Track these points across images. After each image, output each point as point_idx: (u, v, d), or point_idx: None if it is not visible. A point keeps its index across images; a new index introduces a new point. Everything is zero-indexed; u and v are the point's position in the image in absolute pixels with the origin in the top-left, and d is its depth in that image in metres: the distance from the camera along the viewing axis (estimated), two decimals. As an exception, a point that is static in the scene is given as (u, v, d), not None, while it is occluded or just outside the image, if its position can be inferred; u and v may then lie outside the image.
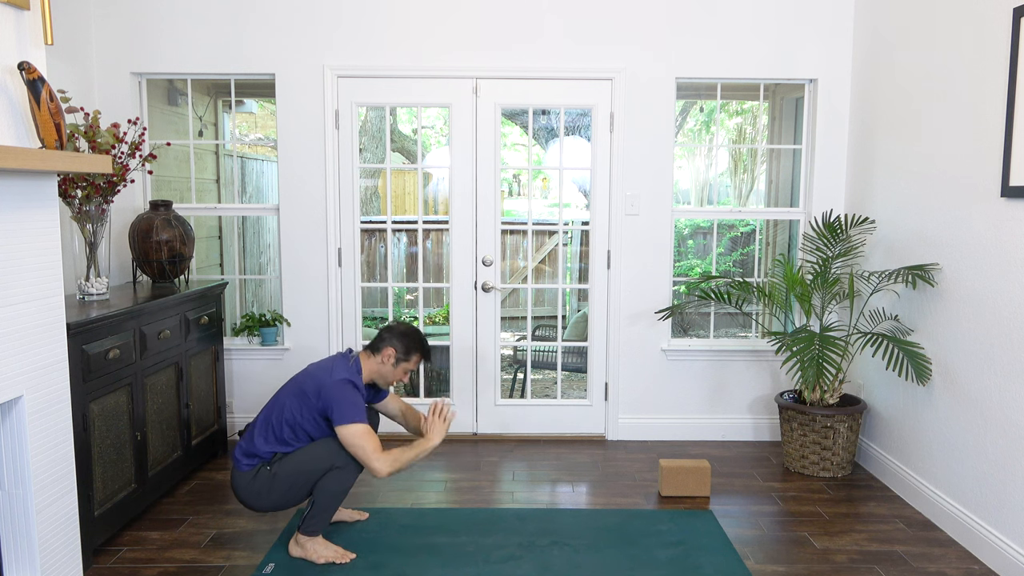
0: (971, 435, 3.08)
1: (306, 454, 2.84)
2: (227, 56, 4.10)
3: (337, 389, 2.81)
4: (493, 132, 4.21)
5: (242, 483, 2.86)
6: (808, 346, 3.57)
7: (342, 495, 2.87)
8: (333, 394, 2.80)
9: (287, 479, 2.82)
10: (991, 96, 2.96)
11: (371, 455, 2.75)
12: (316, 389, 2.84)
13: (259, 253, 6.08)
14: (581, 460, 4.03)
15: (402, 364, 2.98)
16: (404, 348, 2.97)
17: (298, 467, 2.82)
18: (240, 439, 2.95)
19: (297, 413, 2.86)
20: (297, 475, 2.82)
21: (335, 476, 2.83)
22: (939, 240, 3.32)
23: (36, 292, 2.38)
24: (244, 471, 2.86)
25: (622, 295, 4.29)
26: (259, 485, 2.84)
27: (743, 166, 7.51)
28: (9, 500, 2.37)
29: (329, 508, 2.86)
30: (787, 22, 4.12)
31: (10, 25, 2.26)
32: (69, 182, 3.22)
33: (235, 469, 2.89)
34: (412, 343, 2.99)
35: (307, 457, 2.83)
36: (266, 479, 2.83)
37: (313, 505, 2.86)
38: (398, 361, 2.97)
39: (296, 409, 2.86)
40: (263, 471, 2.84)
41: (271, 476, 2.83)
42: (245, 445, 2.89)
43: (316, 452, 2.83)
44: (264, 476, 2.84)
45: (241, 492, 2.87)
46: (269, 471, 2.84)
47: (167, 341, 3.43)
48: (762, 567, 2.89)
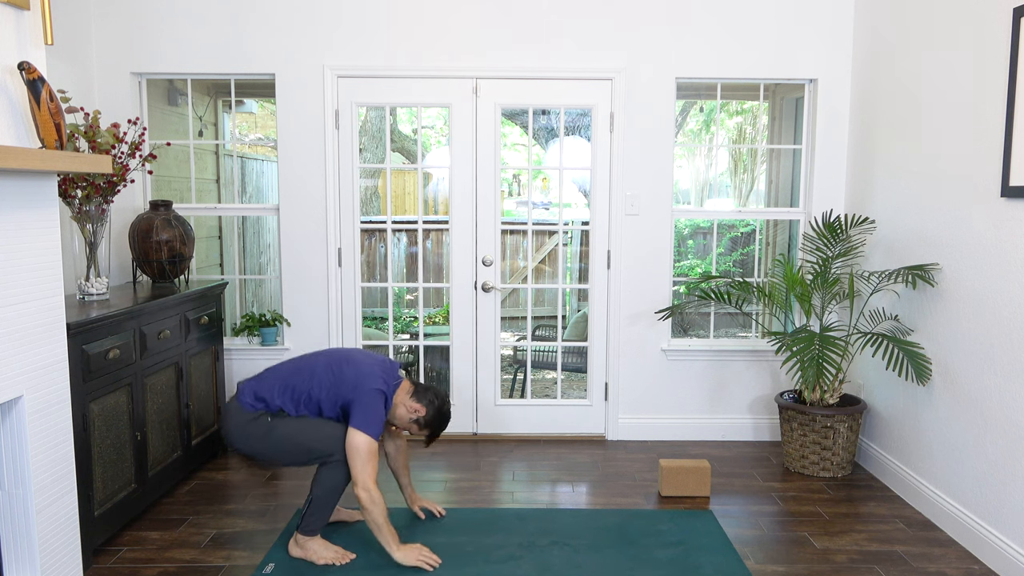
0: (971, 435, 3.08)
1: (312, 428, 2.82)
2: (227, 56, 4.10)
3: (373, 396, 2.81)
4: (493, 132, 4.21)
5: (237, 419, 2.84)
6: (808, 346, 3.57)
7: (339, 492, 2.87)
8: (367, 398, 2.80)
9: (280, 441, 2.81)
10: (991, 96, 2.96)
11: (360, 477, 2.74)
12: (355, 381, 2.83)
13: (259, 253, 6.08)
14: (581, 460, 4.03)
15: (415, 425, 2.99)
16: (428, 420, 2.98)
17: (295, 436, 2.81)
18: (251, 379, 2.94)
19: (325, 390, 2.85)
20: (293, 441, 2.81)
21: (332, 471, 2.83)
22: (939, 240, 3.32)
23: (36, 292, 2.38)
24: (246, 410, 2.85)
25: (622, 295, 4.29)
26: (253, 429, 2.82)
27: (743, 166, 7.51)
28: (9, 500, 2.37)
29: (326, 505, 2.86)
30: (787, 22, 4.12)
31: (10, 25, 2.26)
32: (69, 182, 3.22)
33: (237, 401, 2.87)
34: (437, 422, 3.00)
35: (312, 431, 2.82)
36: (263, 427, 2.82)
37: (311, 503, 2.86)
38: (417, 421, 2.98)
39: (326, 386, 2.85)
40: (263, 419, 2.83)
41: (268, 427, 2.82)
42: (256, 387, 2.88)
43: (322, 431, 2.82)
44: (262, 424, 2.82)
45: (232, 426, 2.85)
46: (269, 422, 2.82)
47: (167, 341, 3.43)
48: (762, 567, 2.89)
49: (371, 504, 2.76)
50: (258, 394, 2.88)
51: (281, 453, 2.84)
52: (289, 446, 2.82)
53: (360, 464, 2.75)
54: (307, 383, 2.88)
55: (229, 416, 2.88)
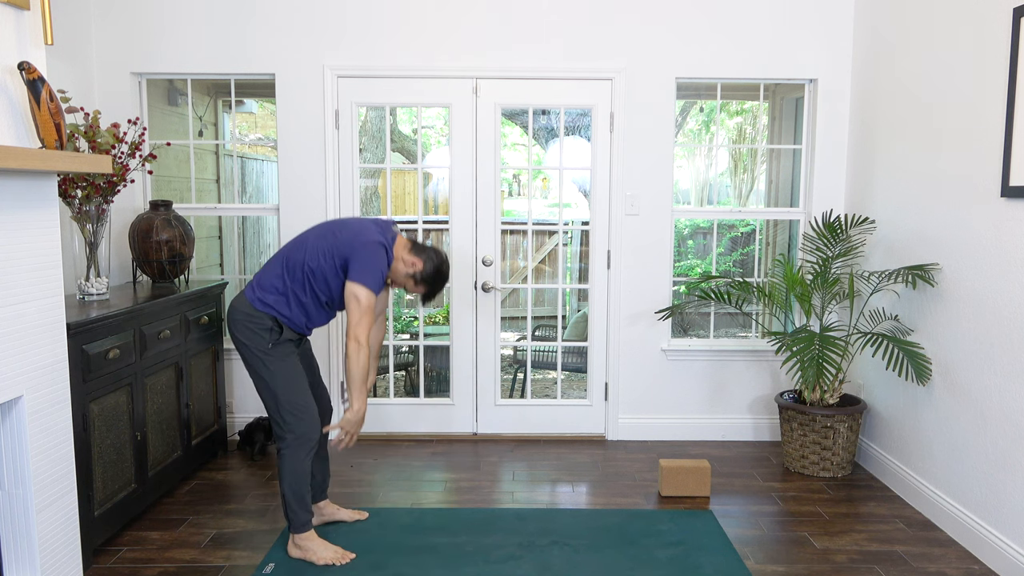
0: (971, 435, 3.08)
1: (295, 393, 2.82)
2: (227, 56, 4.10)
3: (373, 248, 2.79)
4: (493, 132, 4.21)
5: (246, 314, 2.83)
6: (808, 346, 3.57)
7: (303, 476, 2.85)
8: (366, 251, 2.78)
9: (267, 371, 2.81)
10: (991, 96, 2.96)
11: (359, 327, 2.74)
12: (352, 238, 2.80)
13: (259, 253, 6.09)
14: (581, 460, 4.03)
15: (411, 280, 2.93)
16: (425, 275, 2.92)
17: (279, 379, 2.81)
18: (257, 274, 2.93)
19: (323, 256, 2.82)
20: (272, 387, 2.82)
21: (288, 456, 2.82)
22: (939, 240, 3.32)
23: (36, 292, 2.38)
24: (258, 309, 2.83)
25: (622, 295, 4.29)
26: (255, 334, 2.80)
27: (743, 166, 7.51)
28: (9, 500, 2.37)
29: (300, 495, 2.85)
30: (787, 22, 4.12)
31: (10, 25, 2.26)
32: (69, 182, 3.22)
33: (244, 297, 2.86)
34: (434, 278, 2.94)
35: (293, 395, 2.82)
36: (261, 345, 2.81)
37: (283, 497, 2.87)
38: (414, 276, 2.92)
39: (323, 251, 2.82)
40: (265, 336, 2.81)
41: (265, 352, 2.81)
42: (261, 276, 2.88)
43: (299, 402, 2.82)
44: (261, 338, 2.81)
45: (237, 317, 2.83)
46: (267, 347, 2.81)
47: (167, 341, 3.43)
48: (762, 567, 2.89)
49: (355, 354, 2.75)
50: (262, 282, 2.86)
51: (258, 380, 2.85)
52: (266, 383, 2.82)
53: (357, 315, 2.74)
54: (301, 255, 2.84)
55: (235, 311, 2.85)
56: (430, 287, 2.96)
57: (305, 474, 2.86)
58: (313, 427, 2.86)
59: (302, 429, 2.83)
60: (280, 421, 2.84)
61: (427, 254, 2.93)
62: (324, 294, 2.88)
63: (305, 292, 2.86)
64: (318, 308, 2.92)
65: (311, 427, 2.85)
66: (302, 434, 2.84)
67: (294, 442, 2.83)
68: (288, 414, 2.83)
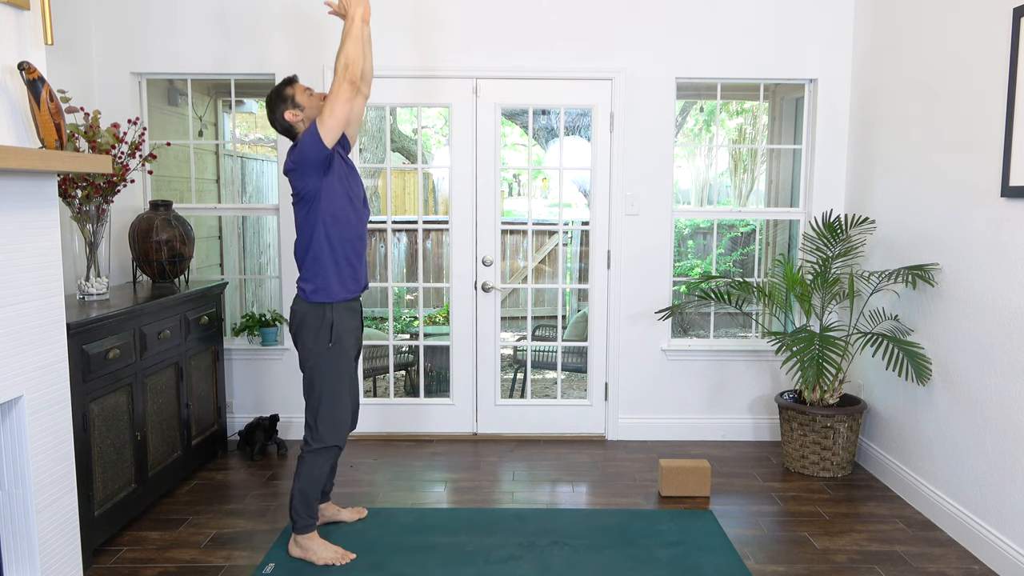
0: (971, 435, 3.08)
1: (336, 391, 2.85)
2: (227, 56, 4.10)
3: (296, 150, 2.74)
4: (493, 132, 4.21)
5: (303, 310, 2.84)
6: (808, 346, 3.57)
7: (318, 481, 2.87)
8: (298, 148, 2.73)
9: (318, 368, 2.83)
10: (991, 96, 2.96)
11: (334, 94, 2.66)
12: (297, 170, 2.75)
13: (259, 253, 6.08)
14: (581, 460, 4.03)
15: (300, 100, 2.83)
16: (282, 99, 2.84)
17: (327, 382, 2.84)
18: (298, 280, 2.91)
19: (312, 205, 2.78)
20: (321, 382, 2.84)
21: (312, 460, 2.86)
22: (939, 240, 3.32)
23: (36, 292, 2.38)
24: (312, 300, 2.83)
25: (622, 295, 4.29)
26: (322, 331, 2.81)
27: (743, 166, 7.51)
28: (9, 500, 2.37)
29: (310, 498, 2.87)
30: (787, 22, 4.12)
31: (10, 25, 2.26)
32: (69, 182, 3.22)
33: (298, 299, 2.86)
34: (278, 92, 2.84)
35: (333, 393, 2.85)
36: (324, 337, 2.82)
37: (292, 498, 2.88)
38: (296, 106, 2.83)
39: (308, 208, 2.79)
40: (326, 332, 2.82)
41: (327, 348, 2.83)
42: (301, 276, 2.87)
43: (335, 403, 2.85)
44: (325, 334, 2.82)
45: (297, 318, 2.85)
46: (329, 345, 2.83)
47: (167, 341, 3.43)
48: (762, 567, 2.89)
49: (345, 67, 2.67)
50: (303, 274, 2.84)
51: (308, 373, 2.86)
52: (316, 380, 2.85)
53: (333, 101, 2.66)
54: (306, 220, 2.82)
55: (295, 313, 2.86)
56: (286, 84, 2.85)
57: (321, 479, 2.89)
58: (342, 439, 2.91)
59: (332, 441, 2.88)
60: (314, 427, 2.87)
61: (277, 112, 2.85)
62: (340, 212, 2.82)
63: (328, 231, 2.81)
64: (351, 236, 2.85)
65: (340, 439, 2.91)
66: (332, 445, 2.89)
67: (321, 450, 2.87)
68: (324, 424, 2.86)
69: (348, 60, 2.68)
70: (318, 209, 2.79)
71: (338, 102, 2.67)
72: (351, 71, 2.67)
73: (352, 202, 2.86)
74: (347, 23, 2.76)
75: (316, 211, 2.79)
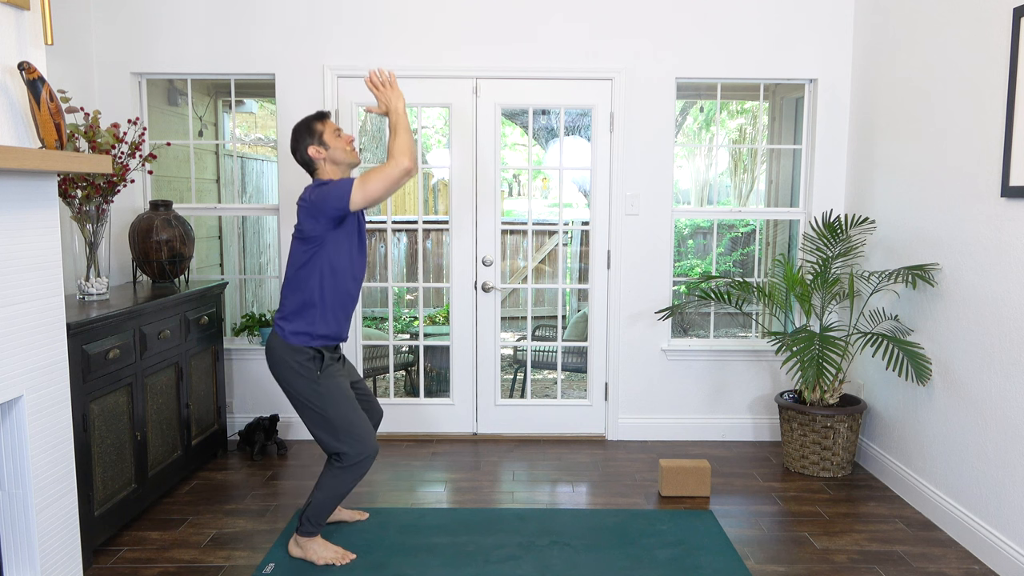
0: (971, 435, 3.08)
1: (345, 411, 2.79)
2: (227, 56, 4.10)
3: (319, 192, 2.72)
4: (493, 132, 4.21)
5: (281, 348, 2.80)
6: (808, 346, 3.57)
7: (340, 497, 2.87)
8: (321, 196, 2.70)
9: (315, 399, 2.78)
10: (991, 96, 2.96)
11: (387, 170, 2.67)
12: (308, 214, 2.73)
13: (259, 253, 6.08)
14: (581, 460, 4.03)
15: (325, 139, 2.84)
16: (309, 132, 2.85)
17: (328, 409, 2.78)
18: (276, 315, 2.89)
19: (316, 250, 2.76)
20: (321, 412, 2.79)
21: (339, 475, 2.81)
22: (939, 240, 3.32)
23: (36, 292, 2.38)
24: (291, 342, 2.79)
25: (622, 295, 4.29)
26: (303, 370, 2.78)
27: (743, 166, 7.51)
28: (9, 500, 2.37)
29: (326, 509, 2.86)
30: (787, 22, 4.12)
31: (10, 25, 2.26)
32: (69, 182, 3.22)
33: (277, 337, 2.82)
34: (306, 127, 2.86)
35: (343, 414, 2.79)
36: (308, 375, 2.78)
37: (310, 505, 2.85)
38: (322, 144, 2.84)
39: (313, 250, 2.77)
40: (310, 366, 2.78)
41: (311, 381, 2.78)
42: (279, 312, 2.84)
43: (350, 421, 2.79)
44: (309, 371, 2.78)
45: (276, 356, 2.81)
46: (317, 376, 2.78)
47: (167, 341, 3.43)
48: (762, 567, 2.89)
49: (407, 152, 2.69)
50: (283, 315, 2.82)
51: (310, 412, 2.81)
52: (320, 413, 2.80)
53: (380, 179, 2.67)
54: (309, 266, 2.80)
55: (273, 351, 2.83)
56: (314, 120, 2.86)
57: (342, 495, 2.86)
58: (372, 446, 2.84)
59: (365, 453, 2.81)
60: (340, 451, 2.80)
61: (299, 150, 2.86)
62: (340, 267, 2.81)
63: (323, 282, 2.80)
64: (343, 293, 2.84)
65: (371, 447, 2.83)
66: (365, 457, 2.81)
67: (354, 465, 2.81)
68: (348, 443, 2.79)
69: (406, 147, 2.71)
70: (319, 257, 2.78)
71: (386, 181, 2.68)
72: (410, 158, 2.70)
73: (353, 261, 2.86)
74: (392, 117, 2.82)
75: (317, 258, 2.79)
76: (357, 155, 2.91)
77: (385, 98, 2.84)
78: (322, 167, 2.86)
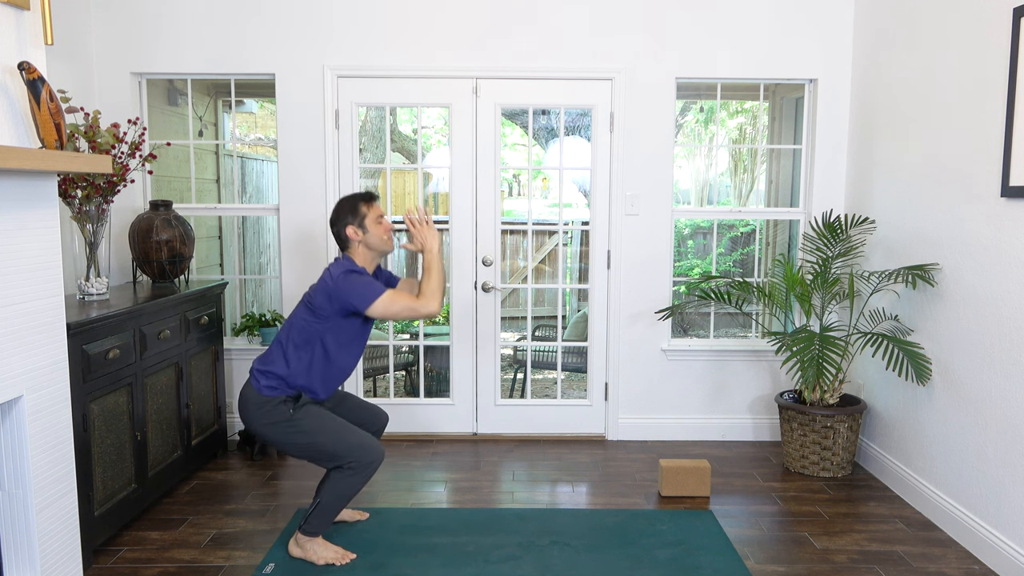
0: (971, 435, 3.08)
1: (331, 431, 2.80)
2: (227, 56, 4.10)
3: (344, 282, 2.78)
4: (493, 132, 4.21)
5: (257, 403, 2.81)
6: (808, 346, 3.57)
7: (348, 499, 2.86)
8: (344, 288, 2.77)
9: (300, 436, 2.79)
10: (991, 96, 2.96)
11: (415, 306, 2.78)
12: (326, 296, 2.80)
13: (259, 253, 6.08)
14: (581, 460, 4.03)
15: (367, 222, 2.89)
16: (351, 214, 2.90)
17: (316, 435, 2.79)
18: (255, 361, 2.91)
19: (319, 327, 2.81)
20: (311, 442, 2.79)
21: (344, 479, 2.81)
22: (939, 240, 3.32)
23: (36, 292, 2.38)
24: (264, 394, 2.81)
25: (622, 295, 4.29)
26: (275, 417, 2.79)
27: (743, 166, 7.51)
28: (9, 500, 2.37)
29: (333, 509, 2.86)
30: (787, 22, 4.12)
31: (10, 25, 2.26)
32: (69, 182, 3.22)
33: (250, 388, 2.84)
34: (351, 205, 2.91)
35: (330, 435, 2.79)
36: (283, 418, 2.79)
37: (317, 506, 2.85)
38: (362, 226, 2.89)
39: (316, 324, 2.81)
40: (283, 408, 2.80)
41: (289, 421, 2.79)
42: (262, 365, 2.86)
43: (340, 436, 2.80)
44: (283, 413, 2.79)
45: (250, 410, 2.82)
46: (291, 414, 2.80)
47: (167, 341, 3.43)
48: (762, 567, 2.89)
49: (437, 295, 2.82)
50: (265, 368, 2.84)
51: (296, 447, 2.82)
52: (305, 444, 2.80)
53: (407, 310, 2.78)
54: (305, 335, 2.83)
55: (247, 400, 2.84)
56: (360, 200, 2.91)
57: (348, 497, 2.85)
58: (378, 451, 2.83)
59: (371, 458, 2.81)
60: (337, 460, 2.80)
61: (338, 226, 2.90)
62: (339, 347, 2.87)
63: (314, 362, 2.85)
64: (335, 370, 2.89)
65: (377, 452, 2.83)
66: (371, 462, 2.81)
67: (360, 470, 2.81)
68: (354, 455, 2.79)
69: (438, 290, 2.84)
70: (321, 332, 2.83)
71: (411, 313, 2.78)
72: (439, 302, 2.82)
73: (353, 341, 2.90)
74: (427, 256, 2.91)
75: (319, 332, 2.83)
76: (393, 244, 2.97)
77: (421, 237, 2.94)
78: (355, 248, 2.92)
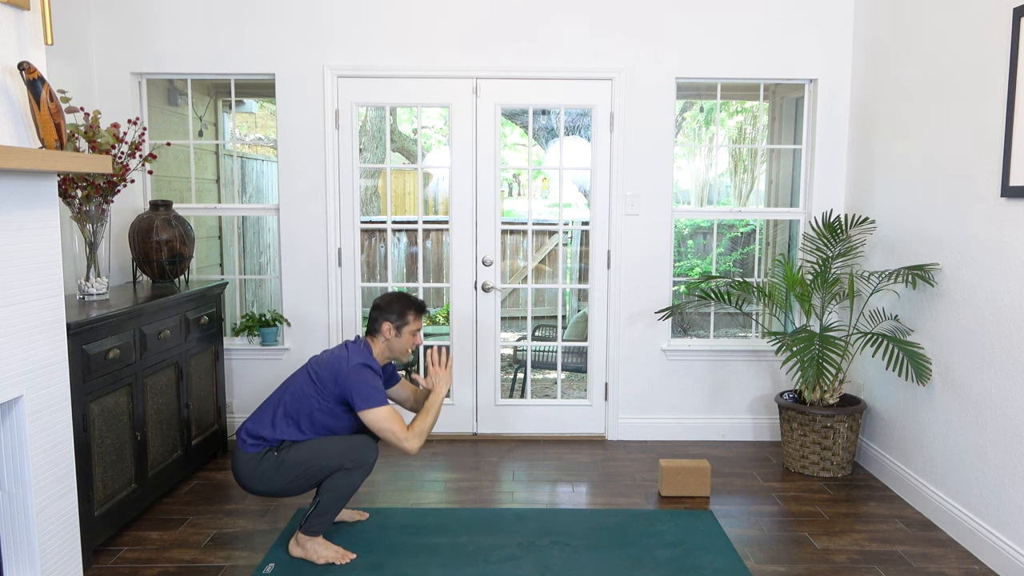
0: (971, 435, 3.08)
1: (318, 449, 2.82)
2: (227, 56, 4.10)
3: (356, 374, 2.81)
4: (493, 132, 4.21)
5: (245, 463, 2.84)
6: (808, 346, 3.57)
7: (348, 497, 2.86)
8: (352, 380, 2.80)
9: (293, 469, 2.81)
10: (991, 96, 2.96)
11: (401, 437, 2.79)
12: (333, 376, 2.84)
13: (259, 253, 6.08)
14: (581, 460, 4.03)
15: (405, 329, 2.97)
16: (397, 314, 2.97)
17: (307, 460, 2.81)
18: (246, 421, 2.93)
19: (314, 402, 2.84)
20: (305, 467, 2.81)
21: (344, 477, 2.82)
22: (939, 240, 3.32)
23: (36, 292, 2.38)
24: (249, 452, 2.84)
25: (622, 295, 4.29)
26: (264, 468, 2.82)
27: (743, 166, 7.51)
28: (9, 500, 2.37)
29: (334, 508, 2.86)
30: (787, 22, 4.12)
31: (10, 25, 2.26)
32: (69, 182, 3.22)
33: (238, 449, 2.87)
34: (403, 306, 2.99)
35: (318, 452, 2.82)
36: (271, 464, 2.82)
37: (318, 505, 2.85)
38: (399, 329, 2.97)
39: (313, 398, 2.85)
40: (269, 455, 2.83)
41: (277, 462, 2.81)
42: (251, 427, 2.88)
43: (329, 449, 2.82)
44: (270, 460, 2.82)
45: (241, 472, 2.85)
46: (276, 456, 2.82)
47: (167, 341, 3.43)
48: (762, 567, 2.89)
49: (423, 438, 2.85)
50: (252, 432, 2.87)
51: (298, 482, 2.84)
52: (303, 473, 2.82)
53: (392, 436, 2.79)
54: (296, 405, 2.87)
55: (236, 463, 2.88)
56: (411, 307, 2.99)
57: (349, 495, 2.86)
58: (372, 450, 2.87)
59: (370, 458, 2.85)
60: (332, 469, 2.82)
61: (377, 317, 2.97)
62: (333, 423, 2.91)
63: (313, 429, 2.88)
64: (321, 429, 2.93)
65: (371, 452, 2.87)
66: (366, 458, 2.85)
67: (358, 467, 2.84)
68: (332, 460, 2.81)
69: (425, 432, 2.87)
70: (315, 407, 2.86)
71: (391, 439, 2.82)
72: (420, 443, 2.84)
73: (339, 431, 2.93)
74: (432, 398, 2.95)
75: (311, 408, 2.86)
76: (409, 358, 3.08)
77: (436, 378, 3.02)
78: (378, 341, 2.98)
